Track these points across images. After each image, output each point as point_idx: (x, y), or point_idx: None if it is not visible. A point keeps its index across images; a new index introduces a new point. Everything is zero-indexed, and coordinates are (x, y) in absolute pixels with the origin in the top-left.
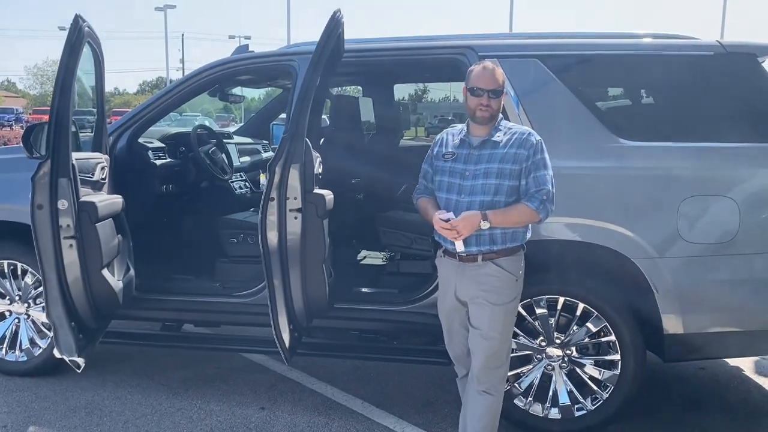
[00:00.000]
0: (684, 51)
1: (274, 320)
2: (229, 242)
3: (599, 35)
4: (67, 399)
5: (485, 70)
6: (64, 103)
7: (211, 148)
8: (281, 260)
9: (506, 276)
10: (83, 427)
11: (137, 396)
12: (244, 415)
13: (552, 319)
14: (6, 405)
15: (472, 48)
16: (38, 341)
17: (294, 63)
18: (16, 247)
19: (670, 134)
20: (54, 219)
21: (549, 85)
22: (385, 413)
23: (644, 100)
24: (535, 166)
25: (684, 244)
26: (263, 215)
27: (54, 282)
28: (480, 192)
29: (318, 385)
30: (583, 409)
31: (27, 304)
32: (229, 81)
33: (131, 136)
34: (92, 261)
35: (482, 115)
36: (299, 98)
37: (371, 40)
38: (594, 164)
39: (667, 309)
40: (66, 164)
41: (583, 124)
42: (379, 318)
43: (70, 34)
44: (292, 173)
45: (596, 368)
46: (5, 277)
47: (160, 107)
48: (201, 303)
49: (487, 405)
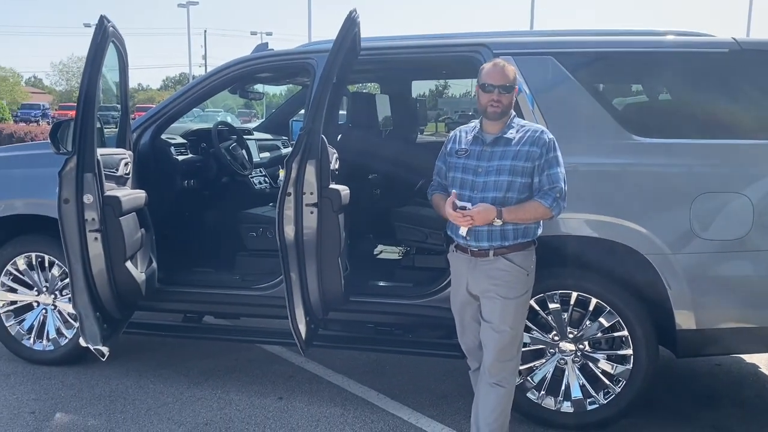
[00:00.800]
0: (699, 48)
1: (291, 312)
2: (248, 236)
3: (614, 32)
4: (92, 387)
5: (495, 67)
6: (90, 100)
7: (231, 144)
8: (298, 254)
9: (517, 271)
10: (107, 415)
11: (159, 385)
12: (263, 405)
13: (565, 314)
14: (34, 392)
15: (486, 45)
16: (64, 331)
17: (312, 61)
18: (43, 240)
19: (685, 131)
20: (80, 213)
21: (564, 83)
22: (400, 405)
23: (659, 97)
24: (548, 163)
25: (697, 240)
26: (280, 210)
27: (80, 273)
28: (492, 189)
29: (334, 376)
30: (596, 403)
31: (54, 295)
32: (248, 78)
33: (154, 133)
34: (116, 253)
35: (493, 111)
36: (316, 96)
37: (388, 38)
38: (607, 161)
39: (679, 305)
40: (91, 160)
41: (597, 122)
42: (394, 311)
43: (95, 34)
44: (308, 169)
45: (609, 363)
46: (33, 269)
47: (181, 104)
48: (221, 295)
49: (498, 397)
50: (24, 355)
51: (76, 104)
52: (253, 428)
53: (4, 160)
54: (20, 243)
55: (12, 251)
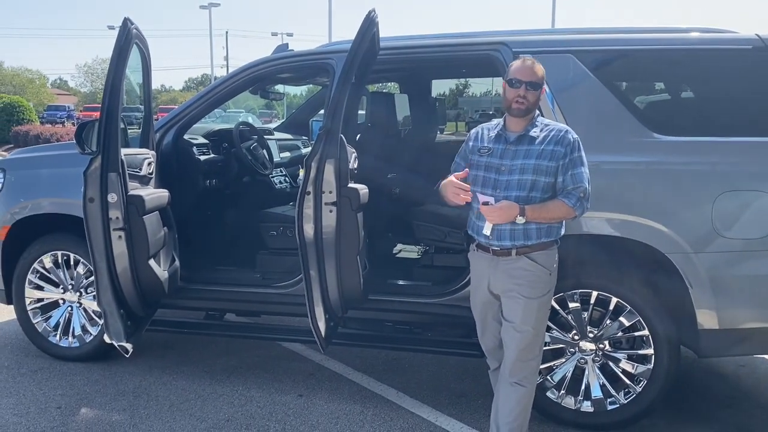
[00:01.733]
0: (722, 45)
1: (311, 310)
2: (269, 235)
3: (635, 30)
4: (116, 383)
5: (525, 63)
6: (114, 101)
7: (252, 144)
8: (317, 252)
9: (540, 270)
10: (131, 410)
11: (181, 381)
12: (283, 402)
13: (585, 313)
14: (60, 388)
15: (506, 44)
16: (89, 328)
17: (331, 61)
18: (69, 239)
19: (707, 129)
20: (104, 211)
21: (584, 81)
22: (419, 403)
23: (680, 95)
24: (573, 163)
25: (719, 239)
26: (300, 208)
27: (104, 271)
28: (516, 187)
29: (354, 374)
30: (616, 403)
31: (79, 293)
32: (269, 79)
33: (177, 133)
34: (140, 252)
35: (518, 108)
36: (335, 96)
37: (407, 37)
38: (627, 159)
39: (701, 304)
40: (115, 160)
41: (618, 120)
42: (413, 310)
43: (119, 36)
44: (327, 168)
45: (629, 362)
46: (59, 267)
47: (203, 105)
48: (242, 293)
49: (518, 397)
50: (50, 351)
51: (101, 105)
52: (274, 425)
53: (30, 161)
54: (47, 242)
55: (39, 250)
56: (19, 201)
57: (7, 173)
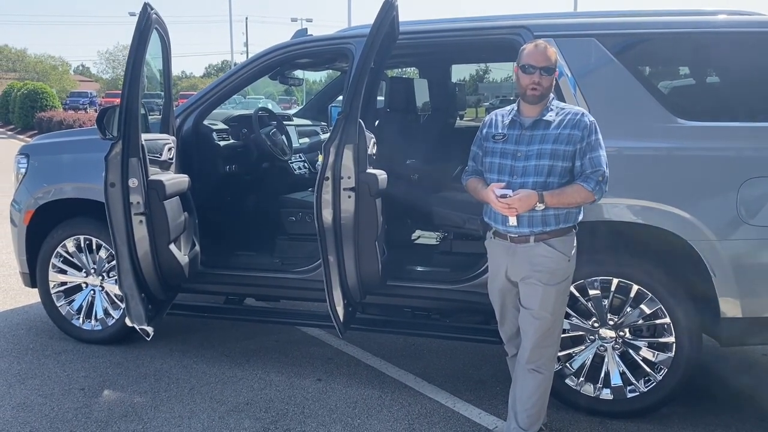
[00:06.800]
0: (749, 28)
1: (329, 295)
2: (288, 220)
3: (659, 13)
4: (137, 366)
5: (537, 48)
6: (134, 87)
7: (271, 130)
8: (336, 237)
9: (558, 256)
10: (152, 393)
11: (202, 365)
12: (302, 386)
13: (605, 301)
14: (83, 370)
15: (527, 28)
16: (111, 312)
17: (351, 46)
18: (91, 223)
19: (732, 114)
20: (125, 196)
21: (607, 66)
22: (437, 389)
23: (705, 79)
24: (590, 147)
25: (744, 226)
26: (318, 194)
27: (125, 255)
28: (533, 173)
29: (372, 359)
30: (636, 391)
31: (101, 276)
32: (288, 64)
33: (197, 118)
34: (160, 236)
35: (533, 94)
36: (353, 81)
37: (427, 21)
38: (650, 144)
39: (724, 293)
40: (136, 145)
41: (641, 105)
42: (432, 296)
43: (138, 22)
44: (346, 153)
45: (650, 350)
46: (82, 251)
47: (223, 91)
48: (262, 278)
49: (536, 383)
50: (74, 334)
51: (121, 91)
52: (293, 408)
53: (53, 146)
54: (69, 226)
55: (62, 234)
56: (42, 186)
57: (30, 158)
